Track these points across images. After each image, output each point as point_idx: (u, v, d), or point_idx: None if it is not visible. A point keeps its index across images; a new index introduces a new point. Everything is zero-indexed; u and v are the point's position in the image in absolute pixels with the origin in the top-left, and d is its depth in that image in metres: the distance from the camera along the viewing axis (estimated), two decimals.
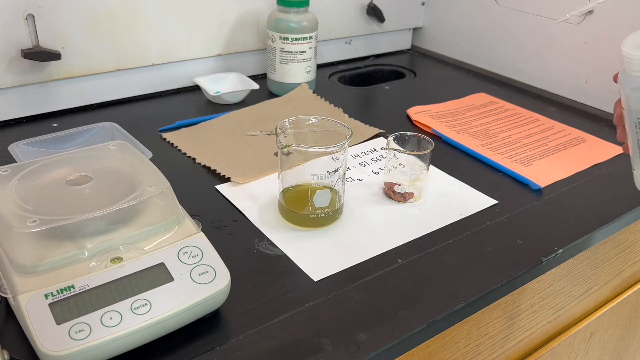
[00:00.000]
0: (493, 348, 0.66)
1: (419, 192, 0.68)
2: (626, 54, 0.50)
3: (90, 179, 0.51)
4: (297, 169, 0.61)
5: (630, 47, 0.50)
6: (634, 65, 0.50)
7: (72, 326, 0.42)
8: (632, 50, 0.49)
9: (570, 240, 0.61)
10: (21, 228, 0.45)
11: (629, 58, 0.50)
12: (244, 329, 0.48)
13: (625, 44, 0.50)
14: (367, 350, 0.46)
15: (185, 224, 0.51)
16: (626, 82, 0.51)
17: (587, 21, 0.94)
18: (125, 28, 0.86)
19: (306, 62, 0.94)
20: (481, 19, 1.10)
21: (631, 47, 0.50)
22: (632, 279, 0.87)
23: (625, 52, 0.50)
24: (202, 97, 0.93)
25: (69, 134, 0.72)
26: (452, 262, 0.57)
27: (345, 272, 0.55)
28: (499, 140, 0.83)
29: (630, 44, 0.50)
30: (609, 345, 0.91)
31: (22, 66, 0.79)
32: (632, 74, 0.50)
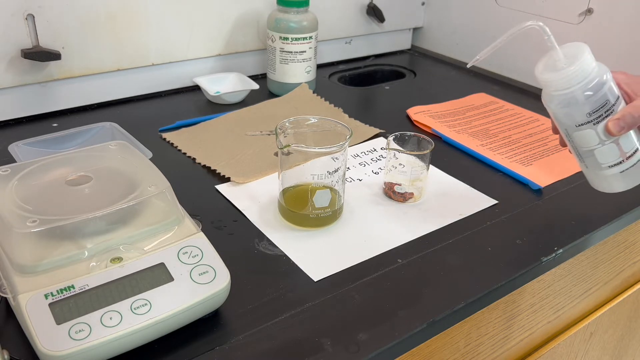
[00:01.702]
0: (493, 348, 0.66)
1: (419, 192, 0.68)
2: (542, 79, 0.57)
3: (90, 179, 0.51)
4: (297, 169, 0.61)
5: (542, 73, 0.57)
6: (552, 87, 0.57)
7: (72, 326, 0.42)
8: (545, 75, 0.56)
9: (570, 240, 0.61)
10: (21, 228, 0.45)
11: (545, 81, 0.57)
12: (244, 329, 0.48)
13: (538, 71, 0.57)
14: (367, 350, 0.46)
15: (185, 224, 0.51)
16: (550, 101, 0.58)
17: (587, 21, 0.94)
18: (125, 28, 0.86)
19: (306, 62, 0.94)
20: (481, 19, 1.10)
21: (543, 72, 0.57)
22: (632, 279, 0.87)
23: (540, 78, 0.57)
24: (202, 97, 0.93)
25: (69, 134, 0.72)
26: (452, 262, 0.57)
27: (345, 272, 0.55)
28: (499, 140, 0.83)
29: (541, 70, 0.57)
30: (609, 345, 0.91)
31: (22, 66, 0.79)
32: (552, 93, 0.57)
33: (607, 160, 0.58)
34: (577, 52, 0.56)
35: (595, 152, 0.58)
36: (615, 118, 0.56)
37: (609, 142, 0.57)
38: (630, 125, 0.56)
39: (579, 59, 0.55)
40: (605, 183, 0.61)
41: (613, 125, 0.56)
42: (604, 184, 0.61)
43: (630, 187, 0.61)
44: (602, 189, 0.62)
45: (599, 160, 0.59)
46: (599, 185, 0.62)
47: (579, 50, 0.56)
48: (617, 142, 0.57)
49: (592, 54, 0.56)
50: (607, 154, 0.58)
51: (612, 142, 0.57)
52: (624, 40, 0.90)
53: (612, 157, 0.58)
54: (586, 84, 0.55)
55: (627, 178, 0.59)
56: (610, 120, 0.56)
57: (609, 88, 0.56)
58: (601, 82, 0.55)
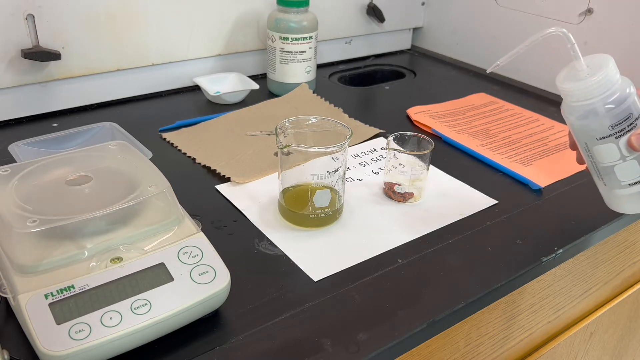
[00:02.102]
0: (493, 348, 0.66)
1: (419, 192, 0.68)
2: (562, 89, 0.55)
3: (90, 179, 0.51)
4: (297, 169, 0.61)
5: (563, 82, 0.55)
6: (572, 97, 0.55)
7: (72, 326, 0.42)
8: (565, 84, 0.55)
9: (570, 240, 0.61)
10: (21, 228, 0.45)
11: (565, 91, 0.55)
12: (244, 329, 0.48)
13: (559, 80, 0.55)
14: (367, 350, 0.46)
15: (185, 224, 0.51)
16: (569, 112, 0.56)
17: (587, 21, 0.94)
18: (125, 28, 0.86)
19: (306, 62, 0.94)
20: (481, 19, 1.10)
21: (564, 82, 0.55)
22: (632, 279, 0.87)
23: (561, 87, 0.55)
24: (202, 97, 0.93)
25: (69, 134, 0.72)
26: (452, 262, 0.57)
27: (345, 272, 0.55)
28: (499, 140, 0.83)
29: (562, 79, 0.55)
30: (609, 345, 0.91)
31: (22, 66, 0.79)
32: (572, 104, 0.55)
33: (627, 177, 0.56)
34: (601, 62, 0.54)
35: (616, 169, 0.56)
36: (638, 132, 0.54)
37: (631, 158, 0.55)
38: None
39: (603, 70, 0.53)
40: (622, 203, 0.58)
41: (636, 139, 0.53)
42: (620, 203, 0.59)
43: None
44: (618, 209, 0.59)
45: (619, 177, 0.56)
46: (617, 205, 0.59)
47: (603, 61, 0.54)
48: (638, 159, 0.55)
49: (616, 66, 0.54)
50: (628, 171, 0.56)
51: (634, 158, 0.55)
52: (624, 40, 0.90)
53: (633, 174, 0.56)
54: (609, 95, 0.53)
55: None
56: (633, 135, 0.54)
57: (632, 102, 0.54)
58: (624, 95, 0.53)
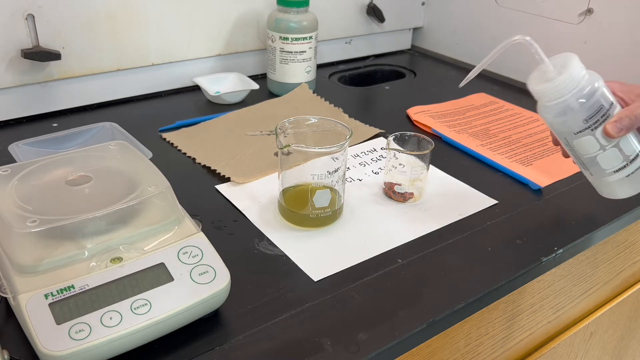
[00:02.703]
0: (493, 348, 0.66)
1: (419, 192, 0.68)
2: (534, 91, 0.58)
3: (90, 179, 0.51)
4: (297, 169, 0.61)
5: (534, 85, 0.58)
6: (545, 97, 0.58)
7: (72, 326, 0.42)
8: (536, 87, 0.58)
9: (570, 240, 0.61)
10: (21, 228, 0.45)
11: (537, 93, 0.58)
12: (244, 329, 0.48)
13: (530, 84, 0.58)
14: (367, 350, 0.46)
15: (185, 224, 0.51)
16: (545, 112, 0.59)
17: (587, 21, 0.94)
18: (125, 28, 0.86)
19: (306, 62, 0.94)
20: (481, 19, 1.10)
21: (535, 85, 0.58)
22: (632, 279, 0.87)
23: (533, 90, 0.58)
24: (202, 97, 0.93)
25: (69, 134, 0.72)
26: (452, 262, 0.57)
27: (345, 272, 0.55)
28: (499, 140, 0.83)
29: (533, 82, 0.58)
30: (609, 345, 0.91)
31: (22, 66, 0.79)
32: (546, 104, 0.58)
33: (611, 165, 0.58)
34: (566, 61, 0.56)
35: (598, 159, 0.58)
36: (612, 121, 0.56)
37: (610, 146, 0.57)
38: (628, 127, 0.56)
39: (568, 68, 0.55)
40: (612, 189, 0.60)
41: (611, 127, 0.56)
42: (611, 190, 0.61)
43: (636, 192, 0.60)
44: (610, 195, 0.61)
45: (603, 167, 0.59)
46: (607, 192, 0.61)
47: (568, 59, 0.56)
48: (618, 146, 0.57)
49: (580, 62, 0.56)
50: (610, 159, 0.58)
51: (613, 146, 0.57)
52: (624, 40, 0.90)
53: (615, 161, 0.58)
54: (578, 91, 0.56)
55: (633, 182, 0.59)
56: (608, 123, 0.56)
57: (601, 94, 0.56)
58: (593, 88, 0.56)
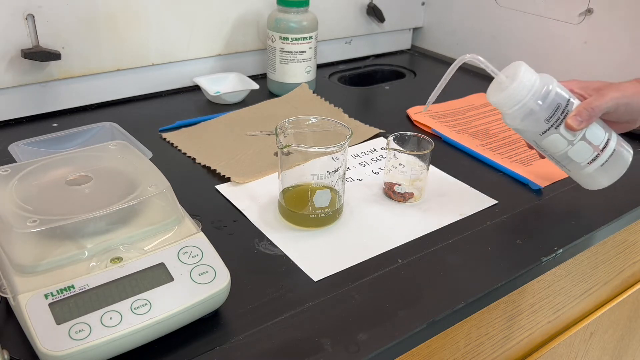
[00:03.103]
0: (493, 348, 0.66)
1: (419, 192, 0.68)
2: (494, 103, 0.61)
3: (90, 179, 0.51)
4: (297, 169, 0.61)
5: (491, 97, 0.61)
6: (505, 106, 0.60)
7: (72, 326, 0.42)
8: (494, 98, 0.61)
9: (570, 240, 0.61)
10: (21, 228, 0.45)
11: (496, 104, 0.61)
12: (244, 329, 0.48)
13: (488, 97, 0.61)
14: (367, 350, 0.46)
15: (185, 224, 0.51)
16: (509, 120, 0.61)
17: (587, 21, 0.94)
18: (125, 28, 0.86)
19: (306, 62, 0.94)
20: (481, 19, 1.10)
21: (492, 96, 0.61)
22: (632, 279, 0.87)
23: (492, 102, 0.61)
24: (202, 97, 0.93)
25: (69, 134, 0.72)
26: (452, 262, 0.57)
27: (345, 272, 0.55)
28: (499, 140, 0.83)
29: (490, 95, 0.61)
30: (609, 345, 0.91)
31: (22, 66, 0.79)
32: (507, 112, 0.61)
33: (583, 157, 0.61)
34: (515, 69, 0.59)
35: (569, 154, 0.61)
36: (572, 115, 0.59)
37: (577, 140, 0.60)
38: (587, 119, 0.59)
39: (518, 75, 0.58)
40: (591, 180, 0.63)
41: (572, 121, 0.59)
42: (590, 181, 0.64)
43: (617, 178, 0.63)
44: (592, 186, 0.64)
45: (576, 160, 0.61)
46: (587, 183, 0.64)
47: (516, 67, 0.60)
48: (585, 139, 0.60)
49: (530, 68, 0.60)
50: (581, 152, 0.61)
51: (580, 139, 0.60)
52: (624, 40, 0.90)
53: (586, 153, 0.61)
54: (533, 93, 0.59)
55: (610, 169, 0.62)
56: (568, 118, 0.59)
57: (556, 93, 0.59)
58: (547, 89, 0.59)
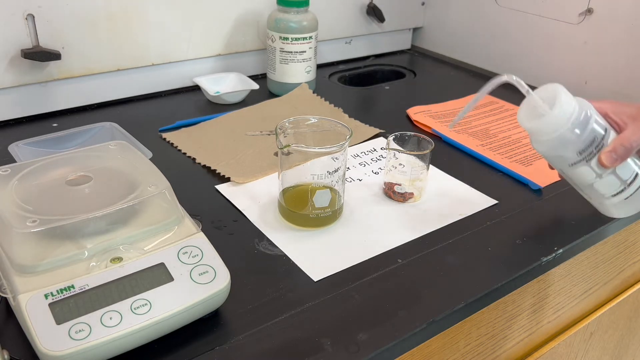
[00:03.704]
0: (493, 348, 0.66)
1: (419, 192, 0.68)
2: (528, 129, 0.57)
3: (90, 179, 0.51)
4: (297, 169, 0.61)
5: (527, 122, 0.56)
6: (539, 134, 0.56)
7: (72, 326, 0.42)
8: (529, 124, 0.56)
9: (570, 240, 0.61)
10: (21, 228, 0.45)
11: (531, 130, 0.57)
12: (244, 329, 0.48)
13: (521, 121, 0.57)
14: (367, 350, 0.46)
15: (185, 224, 0.51)
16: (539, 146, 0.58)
17: (587, 21, 0.94)
18: (125, 28, 0.86)
19: (306, 62, 0.94)
20: (481, 19, 1.10)
21: (527, 122, 0.56)
22: (632, 279, 0.87)
23: (526, 127, 0.57)
24: (202, 97, 0.93)
25: (69, 134, 0.72)
26: (452, 262, 0.57)
27: (345, 272, 0.55)
28: (499, 140, 0.83)
29: (524, 119, 0.57)
30: (609, 345, 0.91)
31: (22, 66, 0.79)
32: (539, 139, 0.57)
33: (609, 190, 0.58)
34: (554, 93, 0.55)
35: (595, 185, 0.58)
36: (607, 151, 0.54)
37: (607, 174, 0.56)
38: (623, 157, 0.55)
39: (558, 101, 0.54)
40: (611, 210, 0.60)
41: (606, 158, 0.54)
42: (611, 210, 0.60)
43: (637, 212, 0.60)
44: (611, 215, 0.61)
45: (601, 192, 0.58)
46: (606, 211, 0.61)
47: (555, 91, 0.55)
48: (614, 173, 0.56)
49: (568, 92, 0.55)
50: (608, 185, 0.57)
51: (610, 173, 0.56)
52: (624, 40, 0.90)
53: (613, 187, 0.57)
54: (571, 123, 0.54)
55: (632, 203, 0.59)
56: (602, 153, 0.55)
57: (595, 122, 0.55)
58: (586, 118, 0.54)
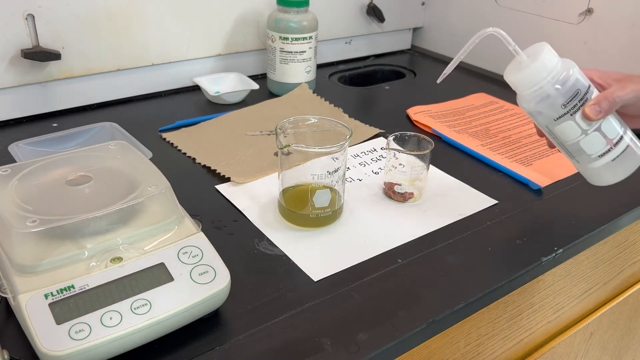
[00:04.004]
0: (493, 348, 0.66)
1: (419, 192, 0.68)
2: (511, 82, 0.59)
3: (90, 179, 0.51)
4: (297, 169, 0.61)
5: (510, 76, 0.58)
6: (522, 86, 0.58)
7: (72, 326, 0.42)
8: (512, 77, 0.58)
9: (570, 240, 0.61)
10: (21, 228, 0.45)
11: (514, 84, 0.58)
12: (244, 329, 0.48)
13: (506, 76, 0.59)
14: (367, 350, 0.46)
15: (185, 224, 0.51)
16: (524, 102, 0.59)
17: (587, 21, 0.94)
18: (125, 28, 0.86)
19: (306, 62, 0.94)
20: (481, 19, 1.10)
21: (510, 75, 0.58)
22: (632, 279, 0.87)
23: (509, 80, 0.58)
24: (202, 97, 0.93)
25: (69, 134, 0.72)
26: (452, 262, 0.57)
27: (345, 272, 0.55)
28: (499, 140, 0.83)
29: (509, 74, 0.59)
30: (609, 345, 0.91)
31: (22, 66, 0.79)
32: (523, 93, 0.58)
33: (595, 149, 0.59)
34: (538, 50, 0.57)
35: (581, 144, 0.59)
36: (591, 104, 0.56)
37: (592, 130, 0.58)
38: (606, 110, 0.56)
39: (540, 55, 0.56)
40: (600, 175, 0.61)
41: (590, 110, 0.56)
42: (599, 176, 0.61)
43: (626, 176, 0.61)
44: (600, 182, 0.62)
45: (587, 152, 0.59)
46: (596, 179, 0.62)
47: (539, 47, 0.57)
48: (600, 130, 0.58)
49: (552, 50, 0.57)
50: (593, 143, 0.58)
51: (595, 130, 0.58)
52: (624, 40, 0.90)
53: (599, 145, 0.58)
54: (553, 77, 0.56)
55: (620, 166, 0.60)
56: (586, 107, 0.57)
57: (576, 79, 0.57)
58: (568, 74, 0.57)
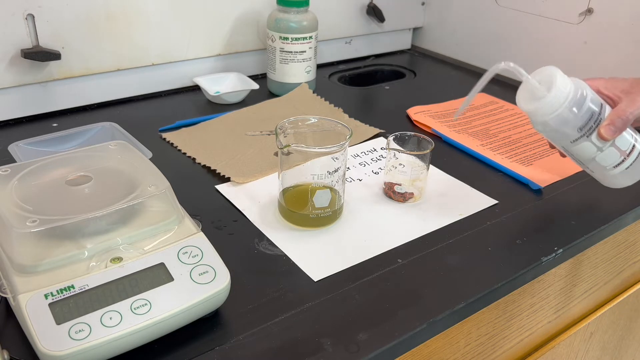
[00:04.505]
0: (493, 348, 0.66)
1: (419, 192, 0.68)
2: (527, 111, 0.60)
3: (90, 179, 0.51)
4: (297, 169, 0.61)
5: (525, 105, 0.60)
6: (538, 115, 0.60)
7: (72, 326, 0.42)
8: (528, 106, 0.60)
9: (570, 240, 0.61)
10: (21, 228, 0.45)
11: (530, 112, 0.60)
12: (244, 329, 0.48)
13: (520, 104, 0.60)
14: (367, 350, 0.46)
15: (185, 224, 0.51)
16: (539, 128, 0.61)
17: (587, 21, 0.94)
18: (125, 28, 0.86)
19: (306, 62, 0.94)
20: (481, 19, 1.10)
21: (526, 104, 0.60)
22: (632, 279, 0.87)
23: (525, 109, 0.60)
24: (202, 97, 0.93)
25: (69, 134, 0.72)
26: (452, 262, 0.57)
27: (345, 272, 0.55)
28: (499, 140, 0.83)
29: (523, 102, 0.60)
30: (609, 345, 0.91)
31: (22, 66, 0.79)
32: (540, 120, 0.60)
33: (610, 162, 0.62)
34: (550, 76, 0.59)
35: (597, 159, 0.62)
36: (605, 124, 0.59)
37: (607, 147, 0.60)
38: (621, 128, 0.59)
39: (555, 83, 0.58)
40: (613, 180, 0.64)
41: (605, 131, 0.59)
42: (613, 182, 0.65)
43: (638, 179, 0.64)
44: (613, 186, 0.65)
45: (602, 164, 0.62)
46: (608, 183, 0.65)
47: (551, 74, 0.59)
48: (614, 145, 0.61)
49: (563, 74, 0.59)
50: (608, 158, 0.61)
51: (610, 146, 0.60)
52: (624, 40, 0.90)
53: (614, 158, 0.61)
54: (569, 102, 0.58)
55: (633, 172, 0.63)
56: (601, 127, 0.59)
57: (591, 99, 0.59)
58: (582, 97, 0.58)
